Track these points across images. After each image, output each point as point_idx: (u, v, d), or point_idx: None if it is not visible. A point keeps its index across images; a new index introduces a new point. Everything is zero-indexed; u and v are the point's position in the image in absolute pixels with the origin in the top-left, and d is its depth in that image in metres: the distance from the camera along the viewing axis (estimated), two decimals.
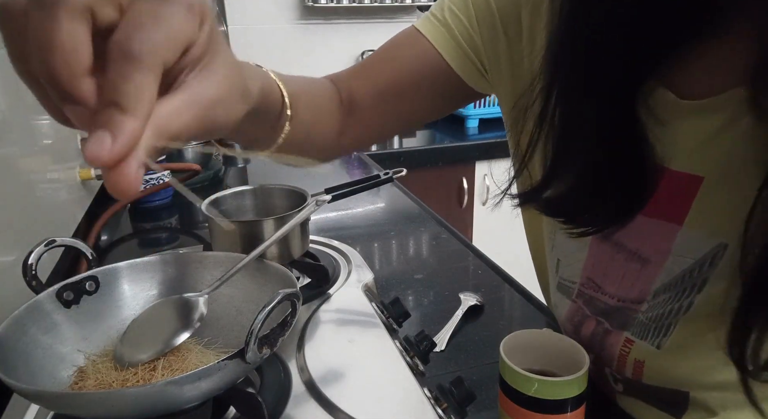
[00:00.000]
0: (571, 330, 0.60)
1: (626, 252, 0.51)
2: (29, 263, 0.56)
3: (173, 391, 0.42)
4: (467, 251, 0.99)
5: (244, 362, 0.44)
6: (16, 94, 0.83)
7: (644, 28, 0.39)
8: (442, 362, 0.67)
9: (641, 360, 0.52)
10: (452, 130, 2.19)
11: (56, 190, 0.96)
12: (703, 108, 0.41)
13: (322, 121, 0.58)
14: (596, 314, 0.56)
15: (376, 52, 0.62)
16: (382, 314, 0.67)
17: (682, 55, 0.42)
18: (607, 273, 0.53)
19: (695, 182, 0.44)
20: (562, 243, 0.58)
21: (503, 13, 0.54)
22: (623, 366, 0.54)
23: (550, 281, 0.63)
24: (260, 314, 0.43)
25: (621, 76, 0.41)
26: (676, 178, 0.44)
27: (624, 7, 0.38)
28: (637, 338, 0.52)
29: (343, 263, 0.82)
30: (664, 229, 0.47)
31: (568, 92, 0.44)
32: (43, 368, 0.50)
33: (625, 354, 0.53)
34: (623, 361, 0.54)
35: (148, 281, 0.62)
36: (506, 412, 0.49)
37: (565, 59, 0.43)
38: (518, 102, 0.50)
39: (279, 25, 2.04)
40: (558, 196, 0.47)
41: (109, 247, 1.07)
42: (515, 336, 0.51)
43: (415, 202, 1.26)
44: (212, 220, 0.76)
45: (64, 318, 0.55)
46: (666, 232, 0.46)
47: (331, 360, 0.59)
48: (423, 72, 0.58)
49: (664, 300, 0.49)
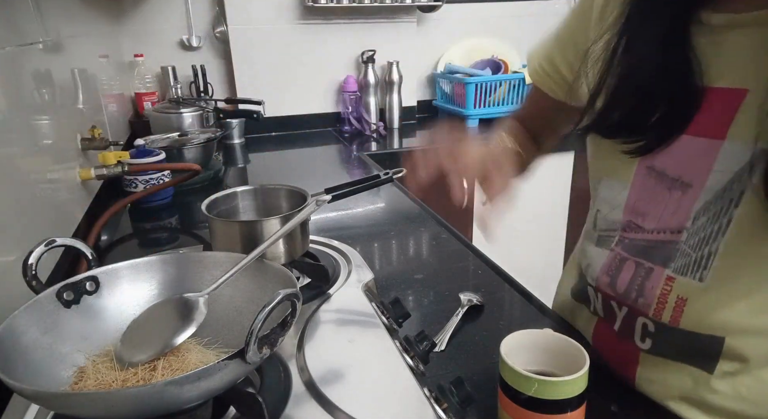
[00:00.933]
0: (606, 282, 0.61)
1: (668, 180, 0.54)
2: (29, 263, 0.56)
3: (173, 391, 0.42)
4: (467, 251, 0.99)
5: (245, 362, 0.44)
6: (16, 94, 0.83)
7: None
8: (442, 362, 0.67)
9: (684, 297, 0.53)
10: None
11: (56, 190, 0.96)
12: (753, 21, 0.47)
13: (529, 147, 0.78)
14: (636, 255, 0.57)
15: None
16: (382, 314, 0.67)
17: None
18: (649, 208, 0.56)
19: (739, 96, 0.48)
20: (605, 189, 0.62)
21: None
22: (662, 308, 0.55)
23: (588, 242, 0.66)
24: (260, 314, 0.43)
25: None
26: (720, 94, 0.49)
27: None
28: (679, 274, 0.53)
29: (343, 263, 0.82)
30: (706, 147, 0.50)
31: (633, 18, 0.53)
32: (43, 368, 0.50)
33: (666, 293, 0.54)
34: (663, 302, 0.55)
35: (148, 281, 0.62)
36: (506, 412, 0.49)
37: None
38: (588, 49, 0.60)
39: (279, 25, 2.03)
40: (618, 119, 0.55)
41: (109, 247, 1.07)
42: (515, 336, 0.51)
43: (415, 202, 1.26)
44: (212, 220, 0.76)
45: (64, 318, 0.55)
46: (708, 149, 0.50)
47: (331, 360, 0.59)
48: (543, 103, 0.75)
49: (704, 223, 0.51)
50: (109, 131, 1.48)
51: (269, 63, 2.05)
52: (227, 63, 2.07)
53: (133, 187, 1.26)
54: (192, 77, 1.95)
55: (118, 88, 1.76)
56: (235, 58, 2.01)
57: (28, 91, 0.89)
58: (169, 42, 2.02)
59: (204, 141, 1.46)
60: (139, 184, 1.26)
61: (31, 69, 0.93)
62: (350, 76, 2.13)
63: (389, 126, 2.21)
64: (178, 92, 1.91)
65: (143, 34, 1.98)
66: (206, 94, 1.98)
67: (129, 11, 1.94)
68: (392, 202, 1.29)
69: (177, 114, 1.66)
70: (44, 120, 0.95)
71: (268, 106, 1.89)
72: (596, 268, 0.63)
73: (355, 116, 2.12)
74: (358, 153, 1.82)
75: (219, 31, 2.03)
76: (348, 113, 2.12)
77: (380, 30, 2.15)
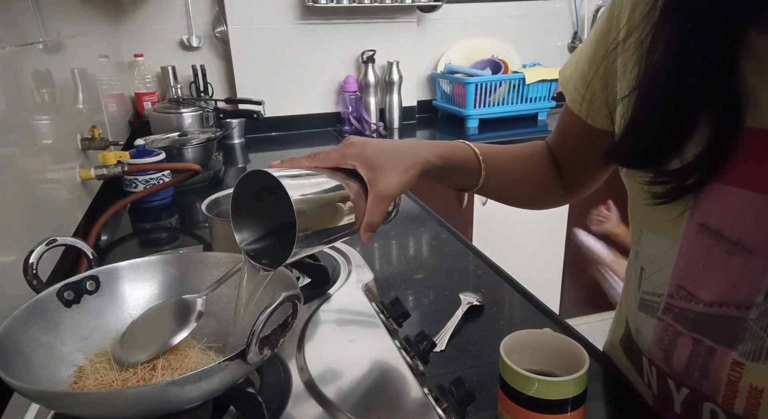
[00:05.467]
0: (660, 357, 0.52)
1: (726, 243, 0.44)
2: (30, 262, 0.56)
3: (174, 391, 0.42)
4: (467, 251, 0.99)
5: (246, 363, 0.44)
6: (16, 94, 0.83)
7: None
8: (442, 362, 0.67)
9: (759, 387, 0.44)
10: (452, 130, 2.19)
11: (56, 190, 0.96)
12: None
13: (529, 175, 0.69)
14: (692, 330, 0.48)
15: None
16: (382, 314, 0.67)
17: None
18: (703, 274, 0.46)
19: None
20: (648, 244, 0.52)
21: None
22: (733, 396, 0.46)
23: (631, 300, 0.55)
24: (262, 315, 0.43)
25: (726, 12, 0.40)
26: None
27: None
28: (750, 360, 0.44)
29: (343, 263, 0.82)
30: (763, 203, 0.41)
31: (668, 25, 0.44)
32: (44, 367, 0.50)
33: (736, 380, 0.45)
34: (733, 390, 0.46)
35: (148, 281, 0.62)
36: (506, 412, 0.49)
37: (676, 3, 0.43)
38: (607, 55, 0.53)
39: (279, 25, 2.03)
40: (644, 143, 0.47)
41: (109, 247, 1.07)
42: (515, 336, 0.51)
43: (415, 202, 1.26)
44: (212, 220, 0.76)
45: (65, 318, 0.55)
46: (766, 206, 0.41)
47: (331, 360, 0.59)
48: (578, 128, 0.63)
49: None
50: (109, 131, 1.48)
51: (269, 63, 2.05)
52: (227, 63, 2.07)
53: (133, 187, 1.26)
54: (192, 77, 1.96)
55: (118, 88, 1.76)
56: (235, 58, 2.01)
57: (28, 91, 0.89)
58: (169, 42, 2.02)
59: (204, 141, 1.46)
60: (139, 184, 1.26)
61: (31, 69, 0.93)
62: (350, 76, 2.13)
63: (389, 126, 2.21)
64: (178, 92, 1.91)
65: (143, 34, 1.98)
66: (206, 94, 1.98)
67: (129, 11, 1.94)
68: None
69: (177, 114, 1.66)
70: (44, 120, 0.95)
71: (268, 106, 1.90)
72: (647, 338, 0.53)
73: (355, 116, 2.12)
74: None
75: (219, 31, 2.03)
76: (348, 113, 2.12)
77: (380, 30, 2.15)
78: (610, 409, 0.59)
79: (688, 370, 0.49)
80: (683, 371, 0.49)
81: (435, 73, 2.34)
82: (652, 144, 0.47)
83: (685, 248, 0.47)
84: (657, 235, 0.50)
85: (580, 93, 0.59)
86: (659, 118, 0.46)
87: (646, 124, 0.47)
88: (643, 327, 0.53)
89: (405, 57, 2.18)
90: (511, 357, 0.48)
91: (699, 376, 0.48)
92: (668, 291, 0.49)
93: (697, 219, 0.45)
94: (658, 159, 0.46)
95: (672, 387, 0.52)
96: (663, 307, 0.50)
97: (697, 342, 0.47)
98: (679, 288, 0.48)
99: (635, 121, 0.48)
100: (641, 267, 0.53)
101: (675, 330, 0.49)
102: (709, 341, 0.46)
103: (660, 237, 0.50)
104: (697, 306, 0.47)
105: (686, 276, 0.47)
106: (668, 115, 0.45)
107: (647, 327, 0.53)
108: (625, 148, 0.50)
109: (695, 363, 0.48)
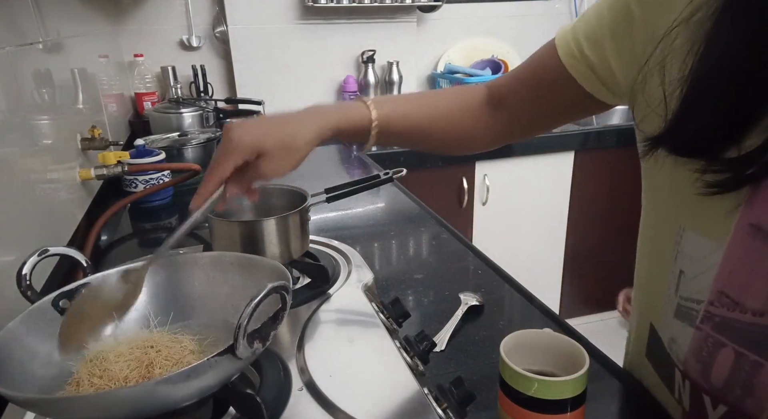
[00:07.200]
0: (698, 371, 0.48)
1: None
2: (23, 273, 0.55)
3: (165, 390, 0.42)
4: (467, 251, 0.99)
5: (236, 358, 0.43)
6: (16, 94, 0.83)
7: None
8: (442, 362, 0.67)
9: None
10: None
11: (56, 189, 0.96)
12: None
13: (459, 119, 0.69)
14: (736, 342, 0.44)
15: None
16: (382, 314, 0.67)
17: None
18: (751, 281, 0.42)
19: None
20: (691, 244, 0.47)
21: None
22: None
23: (666, 307, 0.51)
24: (247, 308, 0.42)
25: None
26: None
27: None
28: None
29: (343, 263, 0.82)
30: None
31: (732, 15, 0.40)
32: (41, 376, 0.50)
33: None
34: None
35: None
36: (506, 412, 0.49)
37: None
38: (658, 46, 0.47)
39: (279, 25, 2.03)
40: (701, 130, 0.43)
41: (109, 247, 1.07)
42: (515, 336, 0.51)
43: (415, 202, 1.26)
44: (212, 220, 0.76)
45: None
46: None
47: (331, 360, 0.59)
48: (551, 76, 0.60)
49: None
50: (109, 131, 1.48)
51: (269, 63, 2.06)
52: (227, 63, 2.07)
53: (133, 187, 1.26)
54: (192, 77, 1.96)
55: (117, 88, 1.76)
56: (235, 58, 2.01)
57: (28, 91, 0.89)
58: (169, 42, 2.02)
59: (204, 141, 1.46)
60: (139, 184, 1.26)
61: (31, 69, 0.93)
62: (350, 76, 2.13)
63: None
64: (178, 92, 1.91)
65: (143, 34, 1.98)
66: (206, 94, 1.98)
67: (129, 11, 1.94)
68: (392, 202, 1.28)
69: (177, 114, 1.66)
70: (44, 120, 0.95)
71: (268, 106, 1.90)
72: (683, 348, 0.49)
73: None
74: (358, 153, 1.82)
75: (219, 31, 2.03)
76: None
77: (380, 30, 2.15)
78: (611, 409, 0.59)
79: (728, 386, 0.45)
80: (723, 386, 0.45)
81: (435, 73, 2.34)
82: (709, 130, 0.42)
83: (733, 251, 0.43)
84: (701, 235, 0.46)
85: (581, 51, 0.55)
86: (722, 104, 0.41)
87: (705, 109, 0.42)
88: (680, 336, 0.50)
89: (405, 57, 2.19)
90: (510, 357, 0.48)
91: (741, 393, 0.44)
92: (709, 297, 0.45)
93: (750, 218, 0.41)
94: (714, 147, 0.42)
95: (707, 403, 0.48)
96: (702, 315, 0.46)
97: (740, 355, 0.44)
98: (721, 295, 0.44)
99: (692, 106, 0.43)
100: (680, 270, 0.49)
101: (715, 340, 0.45)
102: (755, 355, 0.43)
103: (704, 237, 0.45)
104: (742, 315, 0.43)
105: (730, 282, 0.44)
106: (733, 102, 0.41)
107: (684, 337, 0.49)
108: (676, 134, 0.44)
109: (737, 379, 0.44)
